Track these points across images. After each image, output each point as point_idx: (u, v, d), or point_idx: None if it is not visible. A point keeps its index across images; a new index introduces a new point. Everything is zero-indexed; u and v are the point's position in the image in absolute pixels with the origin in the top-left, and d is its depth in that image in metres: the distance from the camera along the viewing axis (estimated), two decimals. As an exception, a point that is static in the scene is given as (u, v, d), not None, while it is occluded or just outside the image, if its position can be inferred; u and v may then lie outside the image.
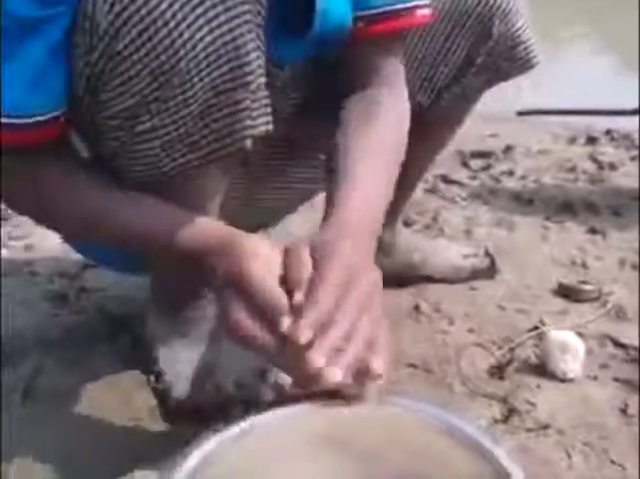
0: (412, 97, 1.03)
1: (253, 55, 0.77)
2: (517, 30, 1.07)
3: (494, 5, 1.06)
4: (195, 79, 0.76)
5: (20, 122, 0.76)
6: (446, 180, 1.97)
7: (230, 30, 0.75)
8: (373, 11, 0.93)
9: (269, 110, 0.83)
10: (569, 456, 0.94)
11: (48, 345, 1.16)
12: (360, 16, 0.93)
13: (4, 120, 0.75)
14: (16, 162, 0.80)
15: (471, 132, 2.41)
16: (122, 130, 0.79)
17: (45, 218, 0.91)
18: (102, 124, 0.81)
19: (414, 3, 0.94)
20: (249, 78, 0.78)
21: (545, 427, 1.00)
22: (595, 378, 1.11)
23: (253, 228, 1.23)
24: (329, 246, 0.73)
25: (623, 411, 1.03)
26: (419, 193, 1.81)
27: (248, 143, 0.81)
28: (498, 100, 2.70)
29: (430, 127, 1.11)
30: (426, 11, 0.96)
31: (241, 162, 0.98)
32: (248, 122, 0.80)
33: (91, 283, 1.32)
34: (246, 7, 0.76)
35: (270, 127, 0.83)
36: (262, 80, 0.80)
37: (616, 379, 1.09)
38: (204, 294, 1.06)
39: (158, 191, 0.86)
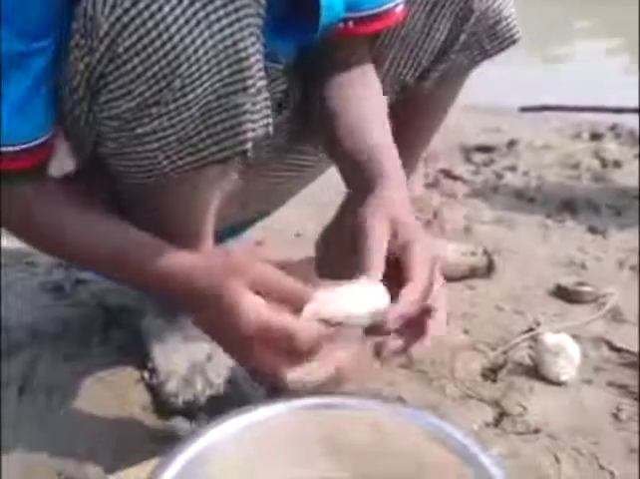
0: (396, 77, 1.07)
1: (253, 59, 0.78)
2: (499, 6, 1.07)
3: None
4: (196, 82, 0.76)
5: (9, 150, 0.77)
6: (448, 174, 1.97)
7: (231, 34, 0.75)
8: (363, 13, 0.95)
9: (269, 112, 0.83)
10: (558, 461, 0.94)
11: (43, 338, 1.16)
12: (350, 17, 0.94)
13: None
14: (8, 190, 0.81)
15: (475, 126, 2.42)
16: (121, 131, 0.80)
17: (39, 246, 0.93)
18: (101, 125, 0.81)
19: (395, 2, 0.96)
20: (249, 82, 0.78)
21: (536, 431, 1.00)
22: (589, 382, 1.10)
23: (246, 219, 1.24)
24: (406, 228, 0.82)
25: (616, 416, 1.03)
26: (419, 188, 1.81)
27: (249, 146, 0.82)
28: (502, 95, 2.72)
29: (421, 107, 1.11)
30: (402, 6, 0.98)
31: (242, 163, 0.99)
32: (249, 125, 0.80)
33: (88, 275, 1.32)
34: (247, 11, 0.76)
35: (270, 129, 0.84)
36: (262, 83, 0.81)
37: (610, 383, 1.09)
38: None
39: (155, 194, 0.86)
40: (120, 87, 0.76)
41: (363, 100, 0.99)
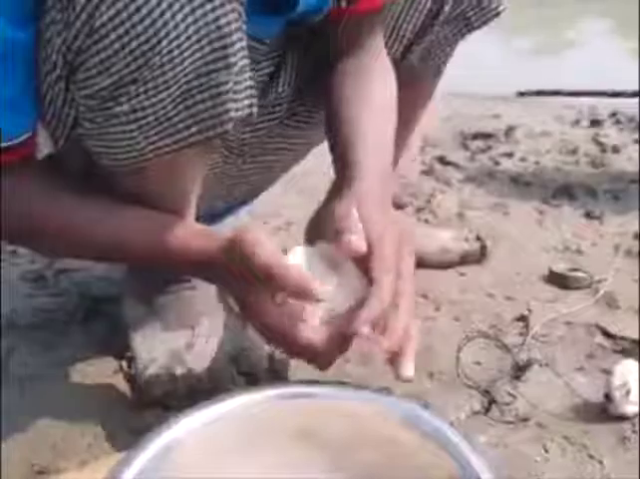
0: None
1: (235, 36, 0.75)
2: None
3: None
4: (176, 60, 0.73)
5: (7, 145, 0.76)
6: (443, 161, 1.94)
7: (213, 9, 0.72)
8: None
9: (253, 92, 0.80)
10: (546, 450, 0.92)
11: (22, 328, 1.14)
12: None
13: None
14: None
15: (472, 113, 2.39)
16: (99, 111, 0.77)
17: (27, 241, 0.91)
18: (79, 105, 0.78)
19: None
20: (232, 59, 0.75)
21: (525, 420, 0.97)
22: (581, 369, 1.08)
23: (230, 203, 1.21)
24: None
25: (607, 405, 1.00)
26: (415, 175, 1.77)
27: (230, 127, 0.79)
28: (501, 82, 2.69)
29: (407, 83, 1.09)
30: None
31: (222, 140, 0.96)
32: (231, 105, 0.78)
33: (70, 264, 1.30)
34: None
35: (254, 109, 0.81)
36: (245, 61, 0.78)
37: (603, 371, 1.06)
38: (178, 280, 1.04)
39: (135, 176, 0.84)
40: (97, 63, 0.73)
41: (366, 97, 0.96)
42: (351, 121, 0.94)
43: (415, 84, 1.14)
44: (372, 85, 0.98)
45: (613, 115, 2.32)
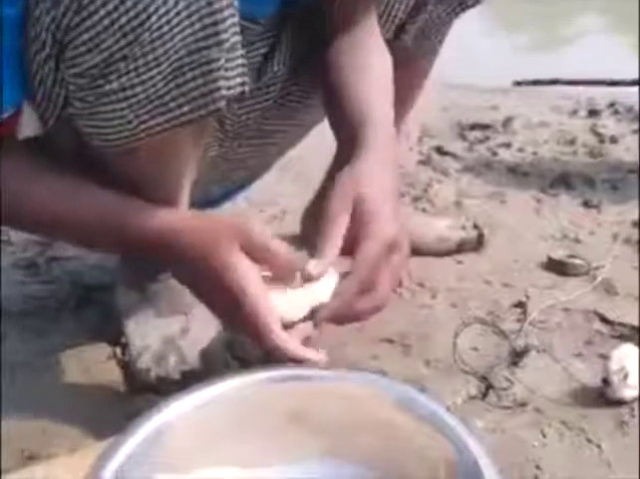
0: None
1: (227, 12, 0.73)
2: None
3: None
4: (166, 36, 0.72)
5: None
6: (440, 151, 1.92)
7: None
8: None
9: (245, 70, 0.79)
10: (544, 435, 0.90)
11: (14, 315, 1.13)
12: None
13: None
14: None
15: (470, 104, 2.38)
16: (89, 89, 0.75)
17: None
18: (69, 84, 0.77)
19: None
20: (223, 36, 0.74)
21: (523, 405, 0.96)
22: (579, 355, 1.07)
23: (226, 188, 1.20)
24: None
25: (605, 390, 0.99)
26: (412, 164, 1.77)
27: (222, 105, 0.78)
28: (499, 73, 2.67)
29: (401, 65, 1.08)
30: None
31: (218, 122, 0.95)
32: (222, 82, 0.76)
33: (63, 252, 1.28)
34: None
35: (247, 88, 0.80)
36: (237, 38, 0.76)
37: (600, 356, 1.05)
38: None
39: (126, 158, 0.82)
40: (86, 41, 0.72)
41: (364, 69, 0.96)
42: (351, 89, 0.94)
43: (410, 64, 1.13)
44: (369, 58, 0.98)
45: (611, 105, 2.30)
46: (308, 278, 0.79)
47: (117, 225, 0.82)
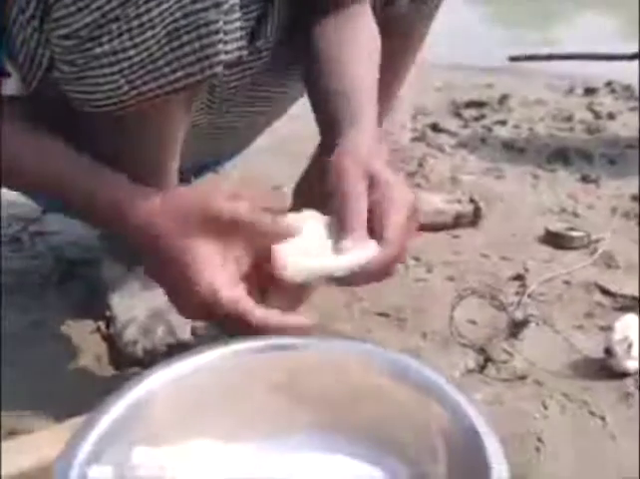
0: None
1: None
2: None
3: None
4: None
5: None
6: (435, 128, 1.89)
7: None
8: None
9: (244, 33, 0.76)
10: (545, 407, 0.87)
11: (-3, 290, 1.10)
12: None
13: None
14: None
15: (465, 83, 2.34)
16: (78, 52, 0.72)
17: None
18: (55, 46, 0.73)
19: None
20: None
21: (522, 378, 0.93)
22: (580, 327, 1.04)
23: (216, 157, 1.17)
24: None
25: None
26: (405, 138, 1.73)
27: (219, 70, 0.74)
28: (495, 52, 2.63)
29: (392, 36, 1.04)
30: None
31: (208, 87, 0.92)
32: (220, 46, 0.73)
33: (47, 227, 1.25)
34: None
35: (244, 52, 0.76)
36: (236, 0, 0.73)
37: (602, 328, 1.02)
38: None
39: (115, 125, 0.79)
40: (75, 0, 0.68)
41: (351, 43, 0.92)
42: (338, 74, 0.89)
43: (405, 32, 1.09)
44: (356, 33, 0.94)
45: (608, 84, 2.27)
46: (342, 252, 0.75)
47: (86, 191, 0.77)
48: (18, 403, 0.87)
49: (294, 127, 1.63)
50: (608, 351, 0.92)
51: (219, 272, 0.73)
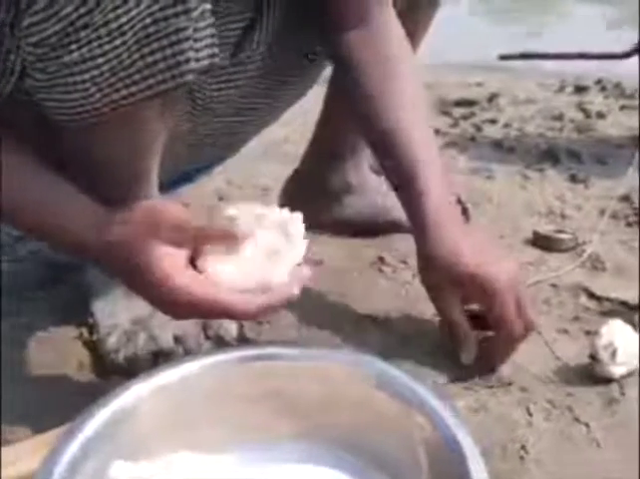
0: None
1: None
2: None
3: None
4: (131, 3, 0.68)
5: None
6: (424, 128, 1.87)
7: None
8: None
9: (215, 40, 0.74)
10: (530, 414, 0.87)
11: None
12: None
13: None
14: None
15: (454, 81, 2.33)
16: (48, 60, 0.71)
17: None
18: (26, 54, 0.72)
19: None
20: (192, 3, 0.70)
21: (508, 384, 0.92)
22: (566, 331, 1.03)
23: (199, 164, 1.16)
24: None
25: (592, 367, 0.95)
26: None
27: (190, 78, 0.73)
28: (485, 50, 2.62)
29: (407, 11, 1.05)
30: None
31: (188, 95, 0.91)
32: (190, 53, 0.72)
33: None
34: None
35: (216, 59, 0.76)
36: (207, 6, 0.72)
37: (588, 333, 1.02)
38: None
39: (90, 134, 0.78)
40: (44, 7, 0.68)
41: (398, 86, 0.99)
42: (396, 134, 0.98)
43: (412, 13, 1.08)
44: (399, 79, 0.99)
45: (598, 82, 2.27)
46: None
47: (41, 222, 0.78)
48: (7, 411, 0.87)
49: (283, 130, 1.63)
50: (593, 357, 0.91)
51: (175, 262, 0.73)
